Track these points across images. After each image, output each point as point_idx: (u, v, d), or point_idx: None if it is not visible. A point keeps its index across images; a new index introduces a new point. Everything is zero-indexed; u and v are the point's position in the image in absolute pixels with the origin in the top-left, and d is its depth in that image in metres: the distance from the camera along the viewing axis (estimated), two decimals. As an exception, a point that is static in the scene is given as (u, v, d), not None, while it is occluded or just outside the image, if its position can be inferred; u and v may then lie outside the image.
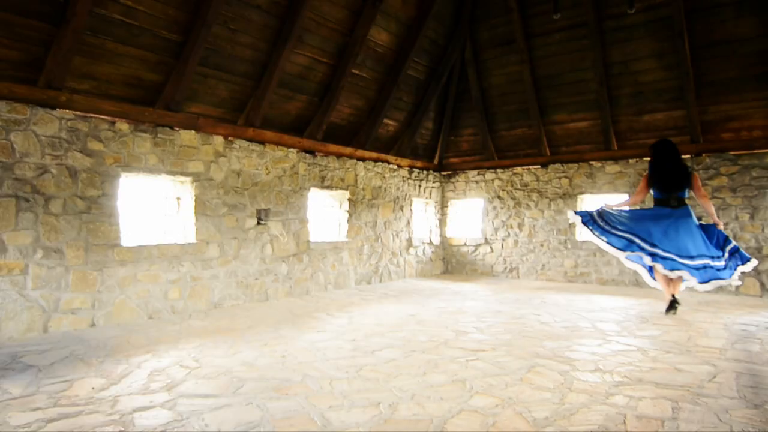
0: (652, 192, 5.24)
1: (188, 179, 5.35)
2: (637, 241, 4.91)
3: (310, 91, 6.54)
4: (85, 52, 4.45)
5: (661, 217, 4.98)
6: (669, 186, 5.03)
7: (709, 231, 5.00)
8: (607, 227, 5.10)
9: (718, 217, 5.97)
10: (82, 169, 4.48)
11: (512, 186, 8.64)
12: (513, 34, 7.72)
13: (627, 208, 5.56)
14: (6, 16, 3.94)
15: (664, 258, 4.76)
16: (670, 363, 3.38)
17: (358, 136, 7.52)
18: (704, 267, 4.72)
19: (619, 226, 5.07)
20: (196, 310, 5.27)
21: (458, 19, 8.03)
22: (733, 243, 5.00)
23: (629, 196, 6.82)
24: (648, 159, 7.20)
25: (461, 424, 2.36)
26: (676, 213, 4.97)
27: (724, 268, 4.77)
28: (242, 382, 2.95)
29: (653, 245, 4.83)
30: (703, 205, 5.15)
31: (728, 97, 6.52)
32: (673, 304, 5.01)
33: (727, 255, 4.86)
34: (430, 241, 9.15)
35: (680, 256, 4.74)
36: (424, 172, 9.07)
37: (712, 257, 4.79)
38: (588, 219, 5.21)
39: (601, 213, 5.24)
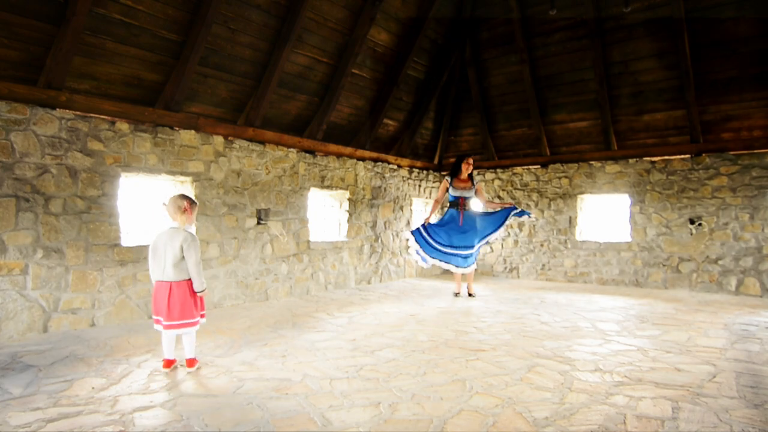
0: (449, 194, 6.48)
1: (188, 179, 5.35)
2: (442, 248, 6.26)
3: (310, 90, 6.54)
4: (85, 52, 4.45)
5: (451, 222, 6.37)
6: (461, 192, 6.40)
7: (494, 215, 6.43)
8: (430, 242, 6.32)
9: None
10: (82, 169, 4.48)
11: (512, 186, 8.64)
12: (513, 34, 7.72)
13: (434, 214, 6.84)
14: (6, 16, 3.93)
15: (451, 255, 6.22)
16: (670, 363, 3.38)
17: (358, 136, 7.52)
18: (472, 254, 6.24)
19: (435, 238, 6.33)
20: (196, 310, 5.26)
21: (458, 19, 8.02)
22: (516, 210, 6.39)
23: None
24: (648, 159, 7.25)
25: (461, 424, 2.36)
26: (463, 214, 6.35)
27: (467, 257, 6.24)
28: (242, 382, 2.96)
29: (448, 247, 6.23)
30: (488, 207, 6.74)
31: (728, 96, 6.51)
32: (456, 295, 6.42)
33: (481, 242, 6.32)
34: (430, 241, 9.13)
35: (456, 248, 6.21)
36: (424, 172, 9.07)
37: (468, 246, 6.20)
38: (418, 236, 6.36)
39: (426, 228, 6.41)
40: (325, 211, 7.41)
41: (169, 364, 3.18)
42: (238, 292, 5.73)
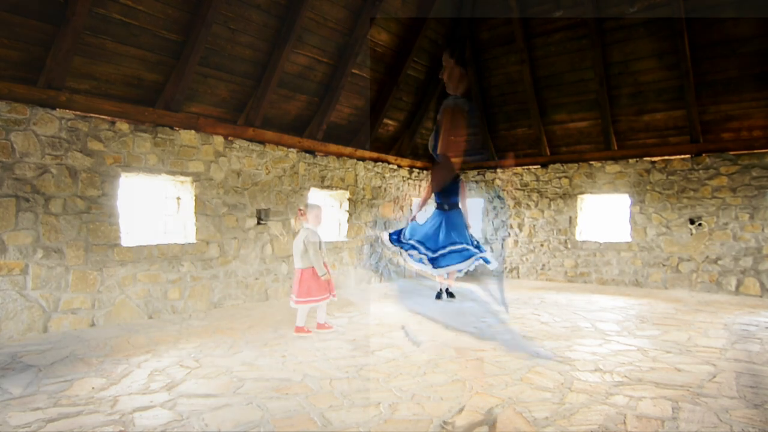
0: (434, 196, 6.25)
1: (188, 179, 5.35)
2: (421, 248, 5.84)
3: (310, 90, 6.54)
4: (85, 52, 4.45)
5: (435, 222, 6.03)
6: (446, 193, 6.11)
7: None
8: (405, 241, 6.02)
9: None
10: (82, 169, 4.48)
11: (512, 186, 8.64)
12: (513, 34, 7.71)
13: (420, 211, 6.48)
14: (6, 16, 3.93)
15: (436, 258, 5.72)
16: (670, 363, 3.38)
17: (358, 136, 7.51)
18: (461, 251, 5.66)
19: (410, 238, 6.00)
20: (196, 310, 5.27)
21: (458, 19, 8.02)
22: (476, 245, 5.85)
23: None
24: (648, 159, 7.25)
25: (461, 423, 2.36)
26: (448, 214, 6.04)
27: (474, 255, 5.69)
28: (242, 382, 2.96)
29: (431, 249, 5.79)
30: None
31: (728, 96, 6.51)
32: (440, 294, 6.21)
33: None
34: (430, 241, 9.13)
35: (443, 248, 5.74)
36: (424, 172, 9.06)
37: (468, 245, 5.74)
38: (395, 239, 6.08)
39: (403, 231, 6.13)
40: (325, 211, 7.41)
41: (299, 330, 4.16)
42: (238, 292, 5.73)
